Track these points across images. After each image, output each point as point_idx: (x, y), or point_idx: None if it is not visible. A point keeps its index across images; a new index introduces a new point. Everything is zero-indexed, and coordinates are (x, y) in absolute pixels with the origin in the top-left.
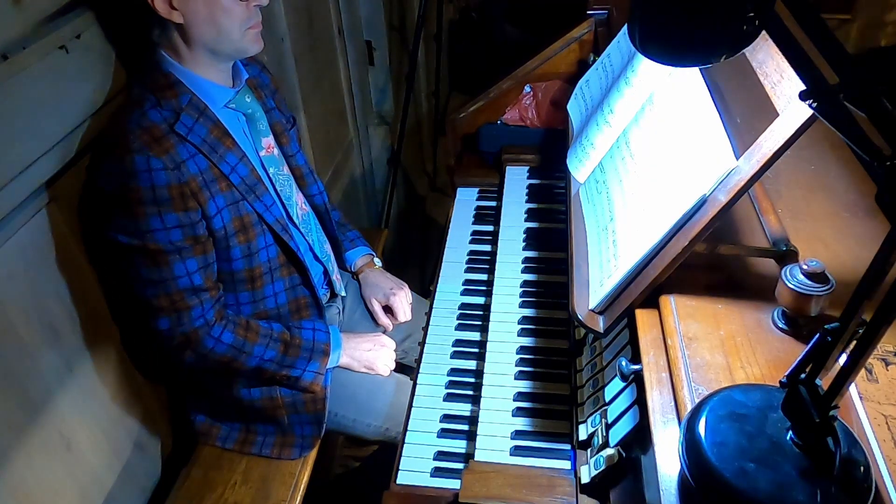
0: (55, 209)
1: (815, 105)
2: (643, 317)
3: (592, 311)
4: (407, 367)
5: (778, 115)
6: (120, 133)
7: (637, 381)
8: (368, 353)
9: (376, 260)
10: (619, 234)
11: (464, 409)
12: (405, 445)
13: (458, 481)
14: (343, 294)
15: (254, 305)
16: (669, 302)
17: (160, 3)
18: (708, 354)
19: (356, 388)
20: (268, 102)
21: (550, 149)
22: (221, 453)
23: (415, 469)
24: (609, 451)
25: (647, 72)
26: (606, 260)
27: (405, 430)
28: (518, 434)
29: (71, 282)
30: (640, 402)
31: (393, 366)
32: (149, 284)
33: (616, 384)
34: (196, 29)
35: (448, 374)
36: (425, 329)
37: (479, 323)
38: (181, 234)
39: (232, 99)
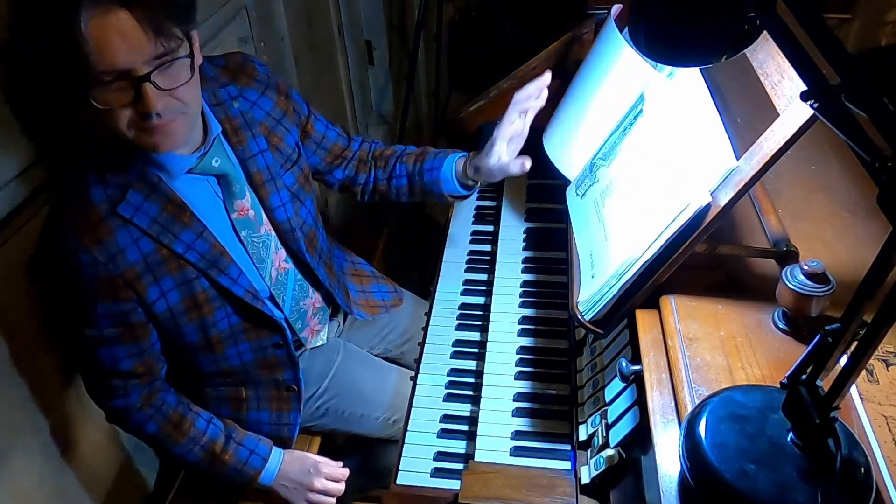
0: None
1: (815, 105)
2: (643, 317)
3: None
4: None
5: (778, 115)
6: (57, 213)
7: (637, 381)
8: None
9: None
10: (620, 236)
11: (464, 409)
12: (405, 446)
13: (458, 482)
14: (324, 339)
15: (215, 365)
16: (669, 302)
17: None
18: (708, 355)
19: (362, 385)
20: (250, 147)
21: None
22: None
23: (415, 469)
24: (609, 452)
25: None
26: (606, 264)
27: (405, 430)
28: (518, 434)
29: None
30: (641, 402)
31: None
32: (78, 355)
33: (616, 385)
34: (92, 132)
35: (448, 375)
36: (425, 329)
37: (479, 323)
38: (109, 323)
39: (194, 166)
